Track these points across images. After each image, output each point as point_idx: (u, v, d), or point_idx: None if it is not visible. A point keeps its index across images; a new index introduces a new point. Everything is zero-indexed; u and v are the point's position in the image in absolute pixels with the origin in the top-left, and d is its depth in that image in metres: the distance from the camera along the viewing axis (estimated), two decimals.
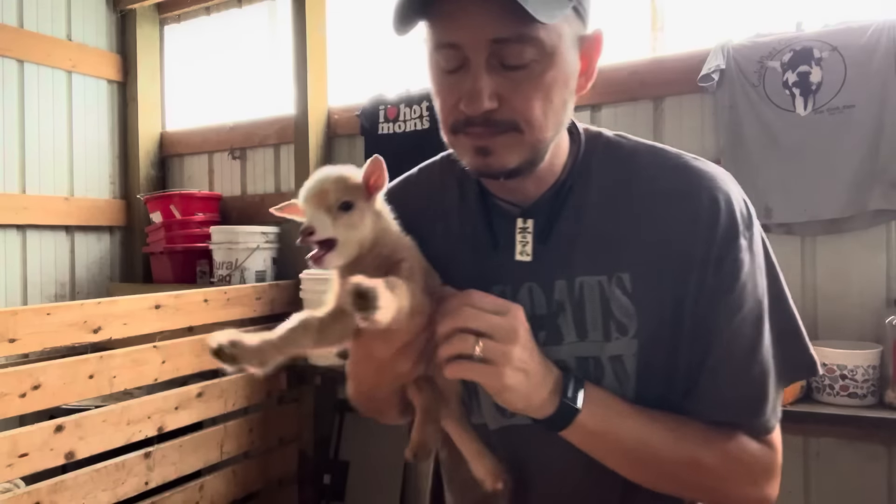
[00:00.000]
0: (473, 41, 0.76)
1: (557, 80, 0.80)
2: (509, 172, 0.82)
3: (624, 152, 0.91)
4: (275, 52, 3.53)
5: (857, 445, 2.15)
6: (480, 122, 0.79)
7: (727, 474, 0.85)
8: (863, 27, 2.11)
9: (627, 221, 0.86)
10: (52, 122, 3.41)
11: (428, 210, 0.96)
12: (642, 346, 0.84)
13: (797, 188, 2.20)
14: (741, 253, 0.84)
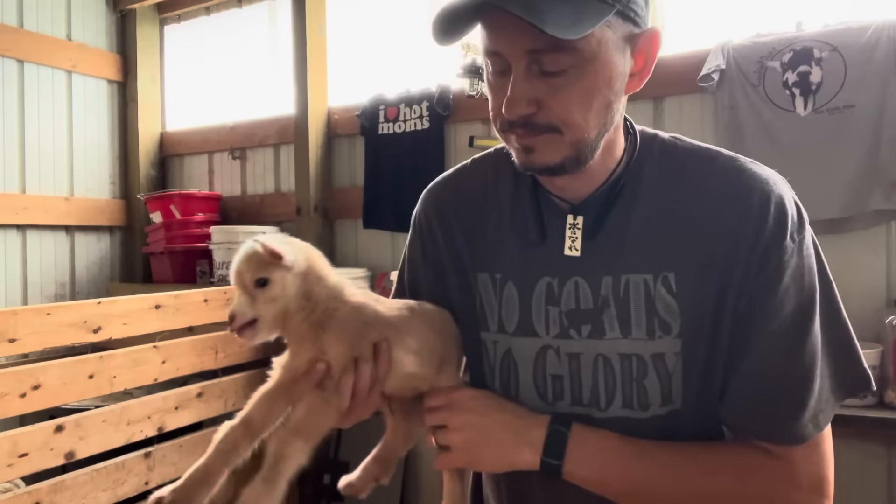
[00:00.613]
0: (512, 50, 0.80)
1: (598, 83, 0.82)
2: (552, 169, 0.85)
3: (678, 154, 0.92)
4: (275, 52, 3.53)
5: (857, 445, 2.15)
6: (520, 124, 0.82)
7: (741, 496, 0.84)
8: (863, 27, 2.11)
9: (676, 221, 0.87)
10: (52, 122, 3.41)
11: (481, 198, 1.00)
12: (685, 345, 0.85)
13: (797, 188, 2.17)
14: (786, 256, 0.84)
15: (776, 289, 0.82)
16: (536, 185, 0.95)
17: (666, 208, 0.87)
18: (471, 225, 0.98)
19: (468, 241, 0.98)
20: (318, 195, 3.14)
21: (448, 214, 1.01)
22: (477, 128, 2.81)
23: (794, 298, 0.83)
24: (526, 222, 0.94)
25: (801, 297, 0.84)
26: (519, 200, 0.96)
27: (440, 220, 1.02)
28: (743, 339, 0.83)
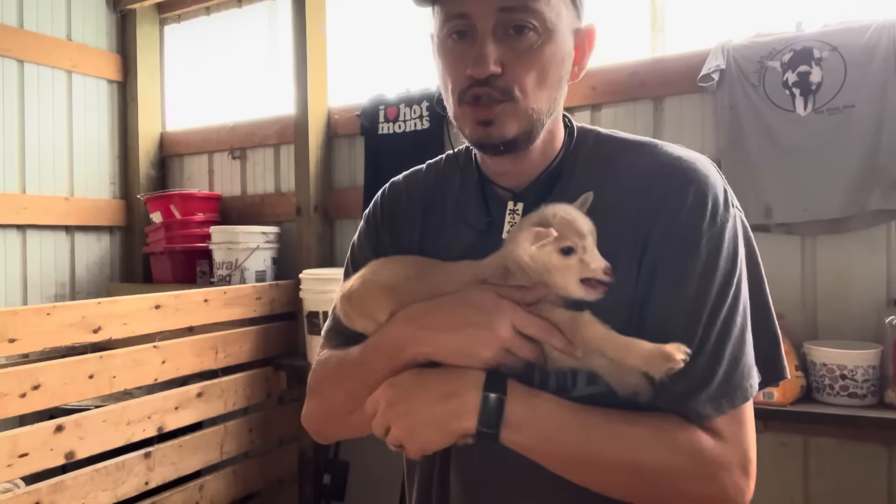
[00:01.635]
0: (481, 9, 0.85)
1: (555, 56, 0.88)
2: (508, 143, 0.89)
3: (612, 144, 0.97)
4: (275, 52, 3.53)
5: (857, 445, 2.15)
6: (482, 83, 0.86)
7: (675, 472, 0.82)
8: (863, 27, 2.11)
9: (606, 206, 0.89)
10: (52, 122, 3.41)
11: (431, 193, 1.06)
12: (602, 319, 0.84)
13: (797, 188, 2.20)
14: (704, 237, 0.85)
15: (692, 271, 0.84)
16: (481, 177, 1.01)
17: (598, 194, 0.90)
18: (421, 218, 1.04)
19: (419, 233, 1.04)
20: (318, 195, 3.14)
21: (401, 209, 1.07)
22: None
23: (708, 279, 0.84)
24: (472, 211, 1.00)
25: (715, 277, 0.84)
26: (466, 192, 1.02)
27: (392, 214, 1.07)
28: (657, 318, 0.85)
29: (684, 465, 0.82)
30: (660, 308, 0.85)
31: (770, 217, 2.25)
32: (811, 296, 2.25)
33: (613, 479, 0.84)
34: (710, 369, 0.83)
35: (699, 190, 0.86)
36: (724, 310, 0.84)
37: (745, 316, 0.86)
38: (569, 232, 0.82)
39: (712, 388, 0.82)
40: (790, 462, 2.26)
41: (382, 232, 1.08)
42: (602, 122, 2.61)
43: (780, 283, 2.28)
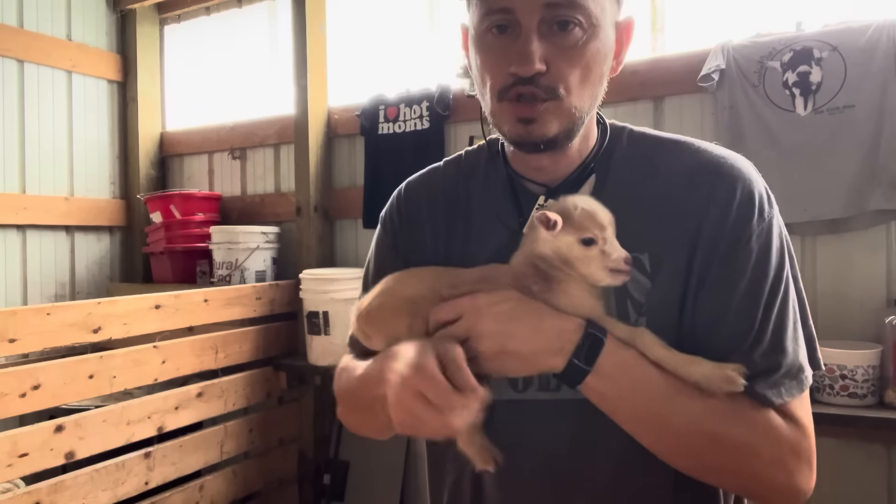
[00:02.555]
0: (526, 4, 0.83)
1: (599, 52, 0.86)
2: (549, 141, 0.87)
3: (647, 141, 0.96)
4: (275, 52, 3.53)
5: (857, 445, 2.15)
6: (527, 81, 0.84)
7: (751, 450, 0.81)
8: (863, 27, 2.11)
9: (646, 204, 0.89)
10: (52, 122, 3.41)
11: (456, 190, 1.02)
12: (650, 321, 0.86)
13: (797, 188, 2.20)
14: (754, 235, 0.86)
15: (745, 268, 0.85)
16: (510, 173, 0.98)
17: (635, 192, 0.90)
18: (445, 219, 1.00)
19: (444, 236, 1.00)
20: (318, 195, 3.14)
21: (420, 212, 1.03)
22: (477, 128, 2.81)
23: (762, 273, 0.86)
24: (503, 208, 0.96)
25: (768, 271, 0.86)
26: (492, 189, 0.99)
27: (411, 218, 1.03)
28: (711, 314, 0.85)
29: (760, 445, 0.81)
30: (714, 305, 0.85)
31: None
32: (811, 296, 2.23)
33: (690, 446, 0.82)
34: (770, 360, 0.83)
35: (746, 188, 0.87)
36: (778, 303, 0.85)
37: (796, 309, 0.87)
38: (590, 223, 0.82)
39: (775, 378, 0.83)
40: None
41: (402, 237, 1.04)
42: None
43: None
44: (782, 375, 0.83)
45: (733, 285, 0.84)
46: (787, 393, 0.83)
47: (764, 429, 0.81)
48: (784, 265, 0.87)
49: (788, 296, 0.86)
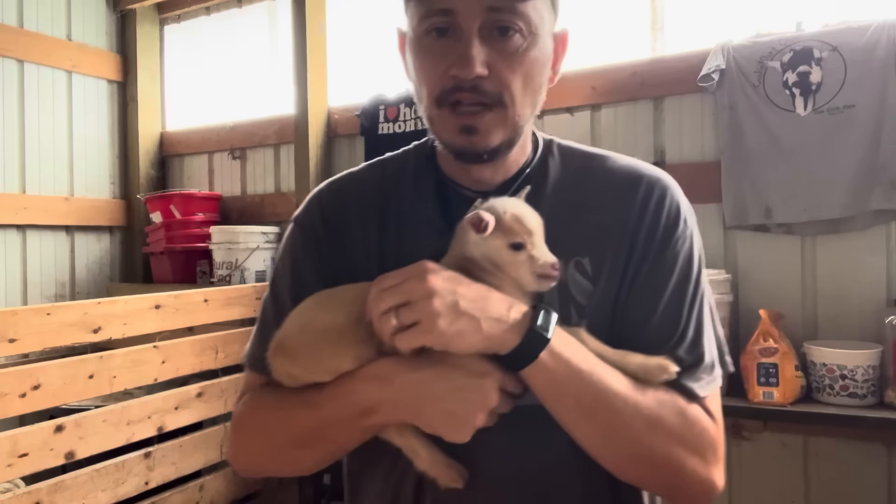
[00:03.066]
0: (468, 7, 0.81)
1: (539, 60, 0.86)
2: (492, 151, 0.86)
3: (577, 153, 0.98)
4: (275, 52, 3.53)
5: (857, 445, 2.15)
6: (469, 88, 0.82)
7: (681, 439, 0.83)
8: (863, 27, 2.11)
9: (586, 209, 0.91)
10: (52, 122, 3.41)
11: (386, 195, 0.97)
12: (591, 326, 0.86)
13: (797, 188, 2.20)
14: (681, 241, 0.91)
15: (672, 268, 0.89)
16: (441, 179, 0.96)
17: (573, 198, 0.92)
18: (377, 225, 0.94)
19: (376, 244, 0.94)
20: None
21: (348, 217, 0.96)
22: None
23: (686, 276, 0.90)
24: (436, 214, 0.93)
25: (691, 274, 0.91)
26: (423, 194, 0.95)
27: (338, 222, 0.96)
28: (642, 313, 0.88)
29: (689, 434, 0.83)
30: (644, 304, 0.88)
31: (770, 217, 2.25)
32: (811, 296, 2.25)
33: (629, 433, 0.81)
34: (693, 356, 0.87)
35: (674, 199, 0.92)
36: (698, 303, 0.90)
37: (710, 312, 0.92)
38: (518, 228, 0.81)
39: (697, 372, 0.87)
40: (790, 462, 2.26)
41: (328, 243, 0.96)
42: (602, 122, 2.61)
43: (780, 283, 2.28)
44: (702, 370, 0.87)
45: (662, 286, 0.88)
46: (708, 387, 0.87)
47: (692, 420, 0.84)
48: (702, 270, 0.92)
49: (705, 299, 0.91)
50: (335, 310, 0.84)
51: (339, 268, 0.93)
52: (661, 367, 0.82)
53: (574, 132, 2.65)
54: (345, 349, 0.82)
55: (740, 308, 2.31)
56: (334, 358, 0.82)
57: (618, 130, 2.58)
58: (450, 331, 0.75)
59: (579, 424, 0.82)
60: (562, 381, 0.79)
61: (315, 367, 0.84)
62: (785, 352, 2.06)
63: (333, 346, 0.82)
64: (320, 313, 0.85)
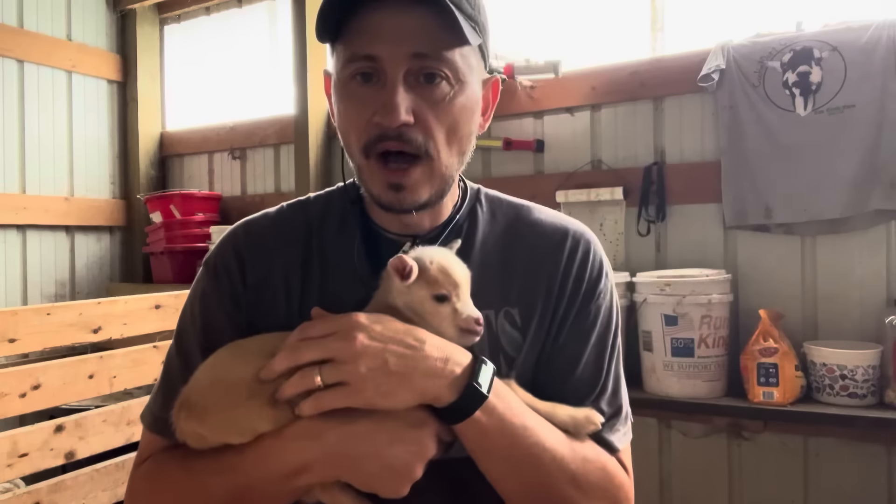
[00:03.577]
0: (393, 54, 0.78)
1: (466, 108, 0.83)
2: (420, 206, 0.84)
3: (503, 203, 0.98)
4: (275, 52, 3.53)
5: (857, 445, 2.15)
6: (394, 136, 0.79)
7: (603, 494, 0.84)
8: (863, 27, 2.11)
9: (515, 260, 0.91)
10: (52, 122, 3.41)
11: (308, 238, 0.92)
12: (519, 376, 0.86)
13: (797, 188, 2.20)
14: (603, 295, 0.92)
15: (595, 321, 0.91)
16: (367, 224, 0.91)
17: (502, 249, 0.91)
18: (299, 271, 0.89)
19: (298, 291, 0.88)
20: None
21: (269, 262, 0.90)
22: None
23: (607, 330, 0.92)
24: (360, 260, 0.88)
25: (612, 327, 0.93)
26: (347, 238, 0.90)
27: (257, 268, 0.89)
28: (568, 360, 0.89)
29: (608, 489, 0.84)
30: (568, 356, 0.89)
31: (770, 217, 2.25)
32: (811, 296, 2.25)
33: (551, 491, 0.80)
34: (613, 407, 0.90)
35: (597, 253, 0.94)
36: (616, 354, 0.93)
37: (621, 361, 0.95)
38: (444, 279, 0.78)
39: (616, 424, 0.89)
40: (790, 462, 2.26)
41: (245, 291, 0.88)
42: (602, 122, 2.61)
43: (780, 283, 2.28)
44: (620, 422, 0.90)
45: (586, 338, 0.90)
46: (624, 438, 0.90)
47: (611, 474, 0.85)
48: (618, 321, 0.94)
49: (620, 351, 0.94)
50: (250, 361, 0.76)
51: (256, 316, 0.86)
52: (588, 419, 0.83)
53: (574, 132, 2.65)
54: (261, 407, 0.74)
55: (740, 308, 2.31)
56: (248, 416, 0.74)
57: (618, 130, 2.58)
58: (377, 394, 0.72)
59: (504, 477, 0.81)
60: (493, 436, 0.77)
61: (226, 427, 0.75)
62: (785, 352, 2.06)
63: (248, 403, 0.74)
64: (233, 365, 0.77)
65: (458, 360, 0.76)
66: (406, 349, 0.74)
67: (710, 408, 2.17)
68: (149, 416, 0.89)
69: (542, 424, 0.81)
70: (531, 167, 2.73)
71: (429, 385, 0.74)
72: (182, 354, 0.89)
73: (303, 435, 0.74)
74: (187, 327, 0.90)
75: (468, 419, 0.75)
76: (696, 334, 2.15)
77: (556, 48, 2.69)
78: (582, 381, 0.88)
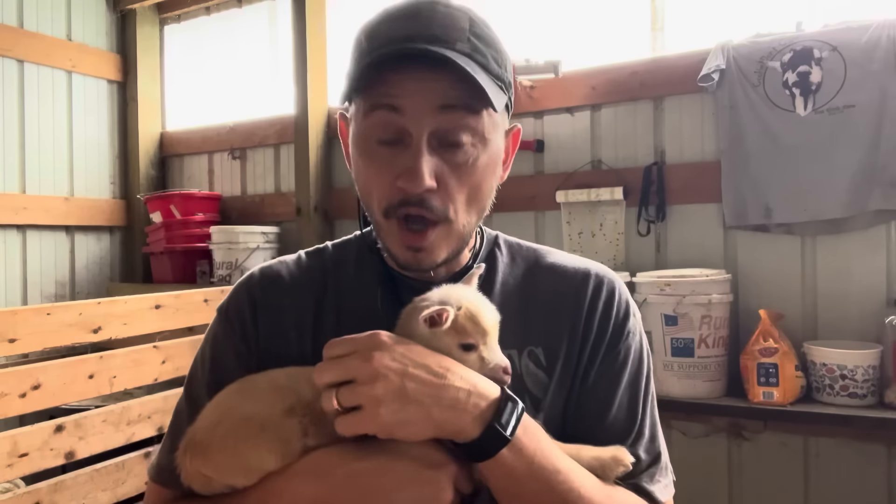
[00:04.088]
0: (418, 108, 0.76)
1: (488, 167, 0.82)
2: (437, 266, 0.83)
3: (522, 247, 0.96)
4: (275, 52, 3.53)
5: (857, 445, 2.15)
6: (416, 202, 0.77)
7: None
8: (863, 27, 2.11)
9: (534, 303, 0.88)
10: (52, 122, 3.41)
11: (325, 285, 0.90)
12: (546, 421, 0.82)
13: (797, 188, 2.20)
14: (631, 336, 0.89)
15: (626, 361, 0.87)
16: (386, 269, 0.89)
17: (522, 292, 0.89)
18: (313, 318, 0.87)
19: (311, 338, 0.86)
20: (318, 195, 3.14)
21: (281, 305, 0.88)
22: None
23: (639, 371, 0.89)
24: (378, 305, 0.86)
25: (644, 369, 0.90)
26: (364, 284, 0.89)
27: (270, 311, 0.88)
28: (600, 403, 0.85)
29: None
30: (599, 399, 0.86)
31: (770, 217, 2.25)
32: (811, 296, 2.25)
33: None
34: (651, 454, 0.85)
35: (623, 293, 0.91)
36: (651, 400, 0.89)
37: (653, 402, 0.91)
38: (472, 328, 0.74)
39: (656, 473, 0.85)
40: (790, 462, 2.26)
41: (256, 336, 0.87)
42: (602, 122, 2.61)
43: (780, 283, 2.28)
44: (660, 472, 0.85)
45: (616, 380, 0.86)
46: (666, 490, 0.85)
47: None
48: (650, 365, 0.91)
49: (655, 397, 0.91)
50: (259, 398, 0.74)
51: (267, 361, 0.84)
52: (615, 461, 0.78)
53: (574, 132, 2.65)
54: (269, 443, 0.71)
55: (740, 308, 2.31)
56: (255, 453, 0.71)
57: (618, 130, 2.58)
58: (393, 420, 0.68)
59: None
60: (522, 479, 0.71)
61: (232, 465, 0.72)
62: (785, 352, 2.06)
63: (255, 440, 0.71)
64: (241, 401, 0.75)
65: (485, 394, 0.71)
66: (428, 375, 0.70)
67: (710, 408, 2.17)
68: (155, 468, 0.87)
69: (576, 468, 0.75)
70: (531, 167, 2.73)
71: (450, 417, 0.69)
72: (191, 401, 0.88)
73: (310, 471, 0.71)
74: (197, 373, 0.90)
75: (493, 458, 0.70)
76: (696, 334, 2.15)
77: (556, 48, 2.69)
78: (616, 425, 0.84)
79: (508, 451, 0.70)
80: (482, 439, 0.70)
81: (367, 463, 0.70)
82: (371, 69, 0.76)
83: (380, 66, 0.75)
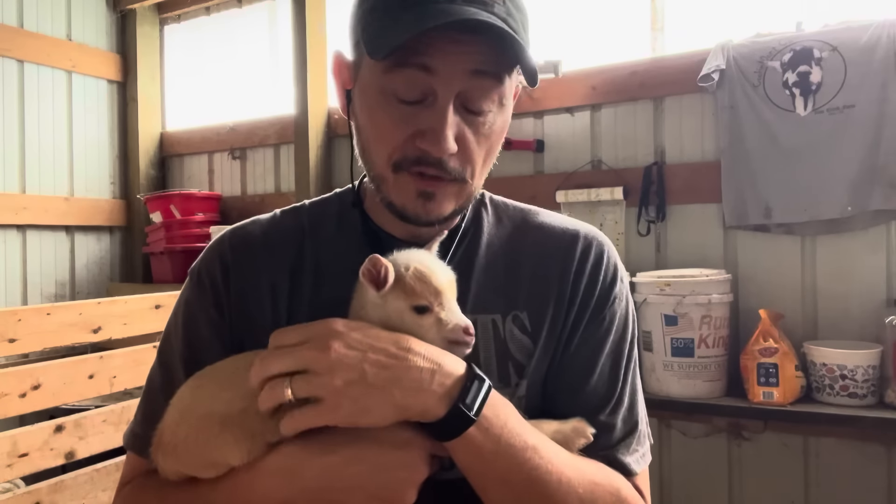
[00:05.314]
0: (451, 69, 0.72)
1: (503, 128, 0.81)
2: (443, 220, 0.81)
3: (510, 208, 0.94)
4: (275, 52, 3.53)
5: (857, 445, 2.15)
6: (434, 162, 0.75)
7: None
8: (863, 27, 2.11)
9: (520, 265, 0.86)
10: (52, 122, 3.41)
11: (301, 243, 0.87)
12: (530, 386, 0.82)
13: (797, 188, 2.20)
14: (618, 300, 0.87)
15: (610, 327, 0.85)
16: (373, 229, 0.86)
17: (508, 255, 0.87)
18: (289, 277, 0.84)
19: (286, 298, 0.83)
20: (318, 195, 3.14)
21: (255, 270, 0.84)
22: None
23: (623, 337, 0.87)
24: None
25: (629, 336, 0.88)
26: (345, 242, 0.86)
27: (244, 277, 0.84)
28: (583, 368, 0.84)
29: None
30: (581, 365, 0.84)
31: (770, 217, 2.25)
32: (811, 296, 2.25)
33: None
34: (629, 424, 0.84)
35: (611, 256, 0.89)
36: (633, 367, 0.87)
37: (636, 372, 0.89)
38: (422, 288, 0.70)
39: (632, 443, 0.83)
40: (790, 462, 2.26)
41: (230, 302, 0.83)
42: (602, 122, 2.61)
43: (780, 283, 2.28)
44: (637, 441, 0.83)
45: (600, 345, 0.84)
46: (642, 461, 0.83)
47: (625, 500, 0.78)
48: (635, 331, 0.89)
49: (637, 364, 0.88)
50: (222, 389, 0.71)
51: (241, 325, 0.82)
52: (576, 431, 0.77)
53: (574, 132, 2.65)
54: (232, 438, 0.69)
55: (740, 308, 2.31)
56: (220, 450, 0.69)
57: (618, 130, 2.58)
58: (355, 409, 0.66)
59: (504, 502, 0.73)
60: (490, 457, 0.70)
61: (198, 462, 0.71)
62: (785, 352, 2.06)
63: (219, 436, 0.69)
64: (203, 395, 0.73)
65: (449, 371, 0.69)
66: (388, 359, 0.67)
67: (710, 408, 2.17)
68: (129, 435, 0.85)
69: (546, 444, 0.74)
70: (531, 167, 2.74)
71: (413, 400, 0.67)
72: (164, 368, 0.85)
73: (278, 470, 0.69)
74: (170, 340, 0.86)
75: (460, 437, 0.68)
76: (696, 334, 2.15)
77: (556, 48, 2.69)
78: (595, 392, 0.82)
79: (475, 429, 0.69)
80: (448, 419, 0.68)
81: (336, 456, 0.68)
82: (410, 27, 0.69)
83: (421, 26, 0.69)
